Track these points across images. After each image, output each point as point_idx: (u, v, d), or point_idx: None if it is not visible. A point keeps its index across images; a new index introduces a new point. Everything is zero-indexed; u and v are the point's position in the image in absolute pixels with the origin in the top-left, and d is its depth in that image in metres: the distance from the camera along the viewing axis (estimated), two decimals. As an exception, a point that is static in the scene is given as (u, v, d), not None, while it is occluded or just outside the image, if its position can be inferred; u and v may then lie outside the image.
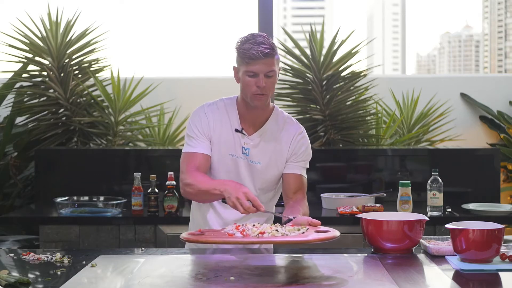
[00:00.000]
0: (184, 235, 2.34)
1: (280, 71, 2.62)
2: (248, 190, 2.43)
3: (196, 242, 2.33)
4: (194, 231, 2.42)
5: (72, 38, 4.81)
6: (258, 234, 2.27)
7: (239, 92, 2.62)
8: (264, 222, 2.65)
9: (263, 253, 2.60)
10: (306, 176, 2.70)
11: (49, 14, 4.79)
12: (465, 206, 3.89)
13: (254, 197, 2.40)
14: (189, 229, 2.76)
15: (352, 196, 4.04)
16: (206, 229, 2.46)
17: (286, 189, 2.67)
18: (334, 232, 2.31)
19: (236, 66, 2.57)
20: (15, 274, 2.16)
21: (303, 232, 2.30)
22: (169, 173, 3.74)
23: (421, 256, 2.44)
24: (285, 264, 2.36)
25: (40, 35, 4.79)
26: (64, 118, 4.76)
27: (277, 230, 2.30)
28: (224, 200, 2.46)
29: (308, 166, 2.72)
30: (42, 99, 4.80)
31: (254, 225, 2.37)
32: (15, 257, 2.43)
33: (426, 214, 3.66)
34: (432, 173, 3.71)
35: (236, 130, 2.61)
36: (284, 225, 2.40)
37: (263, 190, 2.66)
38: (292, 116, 2.76)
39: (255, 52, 2.47)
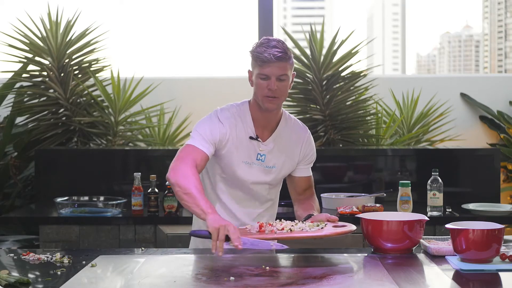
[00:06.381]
0: None
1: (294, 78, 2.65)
2: (231, 225, 2.29)
3: None
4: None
5: (72, 38, 4.81)
6: (281, 230, 2.40)
7: (251, 96, 2.63)
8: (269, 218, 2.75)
9: (262, 253, 2.60)
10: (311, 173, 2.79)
11: (49, 14, 4.79)
12: (465, 206, 3.89)
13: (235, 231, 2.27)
14: (193, 225, 2.76)
15: (352, 196, 4.04)
16: None
17: (296, 189, 2.76)
18: (351, 227, 2.46)
19: (250, 69, 2.60)
20: (15, 274, 2.16)
21: (322, 228, 2.44)
22: (169, 173, 3.73)
23: (421, 256, 2.44)
24: (285, 264, 2.37)
25: (40, 35, 4.78)
26: (64, 118, 4.76)
27: (295, 226, 2.44)
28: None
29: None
30: (42, 99, 4.80)
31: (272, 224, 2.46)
32: (15, 257, 2.43)
33: (426, 214, 3.66)
34: (432, 173, 3.71)
35: (251, 138, 2.61)
36: (304, 222, 2.51)
37: (272, 186, 2.71)
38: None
39: (267, 55, 2.50)
